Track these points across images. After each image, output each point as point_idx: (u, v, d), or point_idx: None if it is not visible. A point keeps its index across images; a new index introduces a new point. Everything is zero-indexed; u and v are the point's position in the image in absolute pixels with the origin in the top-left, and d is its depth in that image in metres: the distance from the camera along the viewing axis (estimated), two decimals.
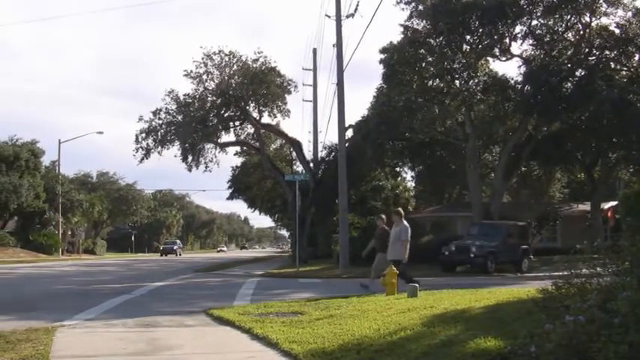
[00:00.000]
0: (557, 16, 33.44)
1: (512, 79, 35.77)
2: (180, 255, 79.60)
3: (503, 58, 35.67)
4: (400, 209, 19.38)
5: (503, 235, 29.41)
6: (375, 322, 9.89)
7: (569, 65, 33.40)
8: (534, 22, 33.88)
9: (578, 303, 6.41)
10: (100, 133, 70.49)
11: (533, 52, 35.62)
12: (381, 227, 18.82)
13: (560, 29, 34.34)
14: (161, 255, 77.76)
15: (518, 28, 33.99)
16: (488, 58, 36.45)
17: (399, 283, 15.72)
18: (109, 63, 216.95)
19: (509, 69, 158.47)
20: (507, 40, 34.56)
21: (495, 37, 33.71)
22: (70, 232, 72.32)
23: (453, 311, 10.67)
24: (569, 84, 32.89)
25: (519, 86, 34.22)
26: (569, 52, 34.78)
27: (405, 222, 17.62)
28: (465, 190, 46.29)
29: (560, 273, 8.13)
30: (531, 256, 30.30)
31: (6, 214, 60.51)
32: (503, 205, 39.72)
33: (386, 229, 18.52)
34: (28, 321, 11.09)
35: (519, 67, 35.24)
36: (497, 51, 35.13)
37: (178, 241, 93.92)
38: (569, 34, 35.02)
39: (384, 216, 19.65)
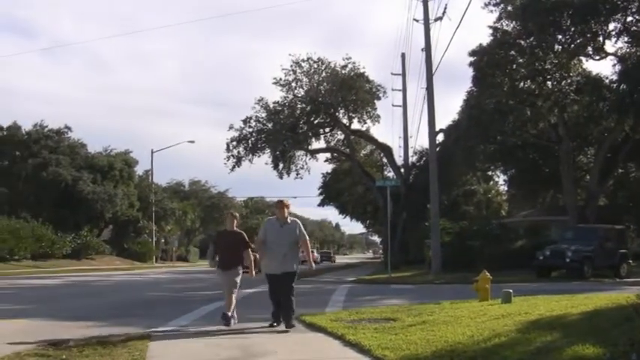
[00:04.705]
0: None
1: (607, 78, 34.99)
2: None
3: (597, 57, 34.82)
4: (286, 200, 12.61)
5: (599, 239, 28.60)
6: (469, 329, 9.74)
7: None
8: (629, 19, 32.88)
9: None
10: (192, 142, 72.30)
11: (628, 50, 34.55)
12: (230, 230, 12.25)
13: None
14: None
15: (612, 26, 33.11)
16: (581, 58, 35.67)
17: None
18: (197, 73, 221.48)
19: (604, 68, 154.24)
20: (601, 39, 33.70)
21: (588, 35, 32.96)
22: (163, 240, 73.89)
23: (548, 317, 10.43)
24: None
25: (614, 85, 33.35)
26: None
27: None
28: (559, 194, 45.26)
29: None
30: (630, 261, 29.46)
31: (102, 222, 62.36)
32: (600, 209, 38.72)
33: (238, 232, 12.29)
34: (124, 327, 11.37)
35: (614, 65, 34.42)
36: (590, 50, 34.34)
37: None
38: None
39: (237, 214, 12.51)
